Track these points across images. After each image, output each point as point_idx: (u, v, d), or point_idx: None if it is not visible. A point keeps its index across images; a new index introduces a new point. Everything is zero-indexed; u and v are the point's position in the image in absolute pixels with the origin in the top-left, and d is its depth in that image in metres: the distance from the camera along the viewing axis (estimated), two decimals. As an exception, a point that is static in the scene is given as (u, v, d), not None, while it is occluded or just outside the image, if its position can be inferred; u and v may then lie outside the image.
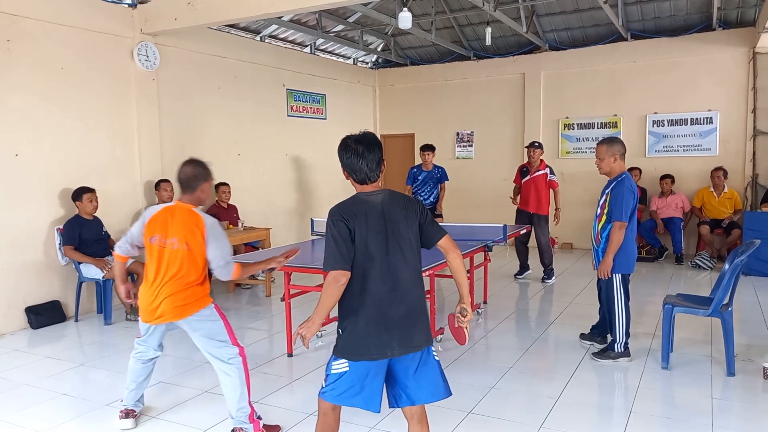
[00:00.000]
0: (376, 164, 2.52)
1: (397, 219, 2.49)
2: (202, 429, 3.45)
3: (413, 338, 2.45)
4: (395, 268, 2.44)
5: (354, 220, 2.44)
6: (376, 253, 2.42)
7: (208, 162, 3.49)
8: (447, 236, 2.58)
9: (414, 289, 2.49)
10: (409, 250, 2.48)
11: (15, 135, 5.54)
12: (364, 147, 2.49)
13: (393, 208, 2.50)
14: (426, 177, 7.76)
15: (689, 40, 8.67)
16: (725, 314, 4.14)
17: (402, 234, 2.47)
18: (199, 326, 3.30)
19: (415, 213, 2.55)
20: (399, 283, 2.44)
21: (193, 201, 3.35)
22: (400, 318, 2.43)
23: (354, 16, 9.22)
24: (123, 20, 6.50)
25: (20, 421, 3.60)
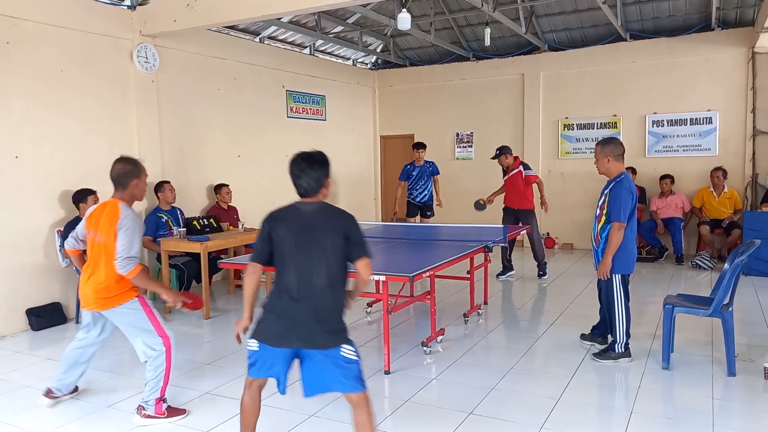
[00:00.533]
0: (316, 182, 2.78)
1: (320, 229, 2.73)
2: (203, 430, 3.45)
3: (315, 338, 2.66)
4: (309, 272, 2.68)
5: (276, 224, 2.78)
6: (291, 256, 2.71)
7: (142, 159, 3.71)
8: (366, 260, 2.77)
9: (324, 293, 2.68)
10: (329, 258, 2.70)
11: (15, 137, 5.55)
12: (307, 164, 2.80)
13: (320, 219, 2.76)
14: (419, 172, 8.41)
15: (688, 40, 8.67)
16: (726, 314, 4.14)
17: (322, 244, 2.71)
18: (122, 318, 3.55)
19: (342, 227, 2.75)
20: (310, 286, 2.67)
21: (126, 197, 3.54)
22: (304, 317, 2.65)
23: (353, 17, 9.22)
24: (122, 22, 6.50)
25: (21, 423, 3.60)
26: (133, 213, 3.48)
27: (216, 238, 6.27)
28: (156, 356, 3.54)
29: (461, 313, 5.76)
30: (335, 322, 2.72)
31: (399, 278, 4.08)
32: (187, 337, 5.42)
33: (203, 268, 5.99)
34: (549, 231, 9.89)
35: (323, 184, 2.81)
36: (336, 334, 2.71)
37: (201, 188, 7.62)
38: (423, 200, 8.47)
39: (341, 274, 2.75)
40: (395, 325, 5.43)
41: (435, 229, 6.82)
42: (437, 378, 4.22)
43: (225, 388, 4.07)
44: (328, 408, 3.72)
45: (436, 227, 7.01)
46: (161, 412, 3.56)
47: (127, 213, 3.44)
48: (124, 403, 3.86)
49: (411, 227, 7.35)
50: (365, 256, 2.76)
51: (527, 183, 7.45)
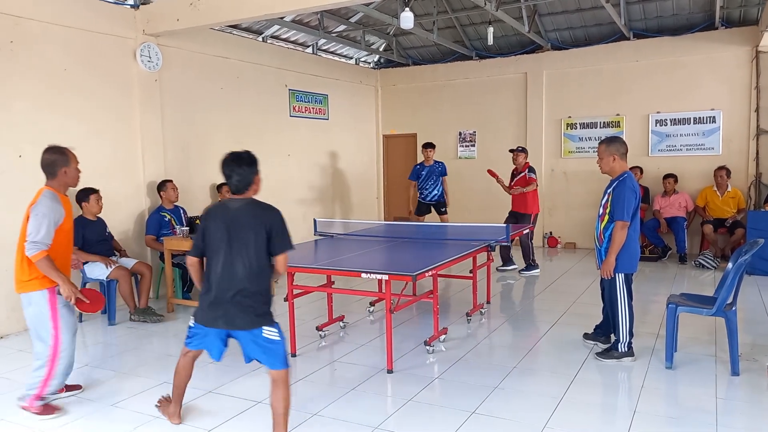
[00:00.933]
0: (245, 180, 3.11)
1: (245, 225, 3.07)
2: (206, 429, 3.45)
3: (237, 320, 3.07)
4: (233, 263, 3.05)
5: (209, 220, 3.17)
6: (219, 248, 3.07)
7: (72, 147, 3.81)
8: (285, 255, 3.13)
9: (245, 281, 3.05)
10: (249, 250, 3.05)
11: (18, 136, 5.56)
12: (236, 164, 3.12)
13: (245, 215, 3.09)
14: (429, 172, 8.60)
15: (692, 39, 8.65)
16: (729, 314, 4.13)
17: (246, 237, 3.05)
18: (27, 305, 3.67)
19: (266, 223, 3.07)
20: (234, 275, 3.04)
21: (56, 185, 3.68)
22: (228, 302, 3.05)
23: (356, 17, 9.22)
24: (125, 21, 6.51)
25: (25, 421, 3.61)
26: (50, 201, 3.56)
27: (219, 237, 6.26)
28: (43, 353, 3.62)
29: (464, 312, 5.75)
30: (258, 307, 3.09)
31: (401, 277, 4.08)
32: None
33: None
34: (552, 230, 9.88)
35: (252, 181, 3.13)
36: (257, 317, 3.08)
37: (204, 187, 7.63)
38: (434, 199, 8.63)
39: (262, 264, 3.08)
40: (398, 324, 5.43)
41: (438, 228, 6.82)
42: (440, 377, 4.21)
43: (227, 387, 4.08)
44: (329, 408, 3.72)
45: (439, 226, 7.00)
46: (37, 410, 3.64)
47: (43, 199, 3.55)
48: (127, 402, 3.87)
49: (414, 227, 7.35)
50: (284, 251, 3.11)
51: (527, 183, 7.69)
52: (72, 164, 3.70)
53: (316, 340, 5.12)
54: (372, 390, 4.00)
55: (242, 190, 3.12)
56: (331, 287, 5.21)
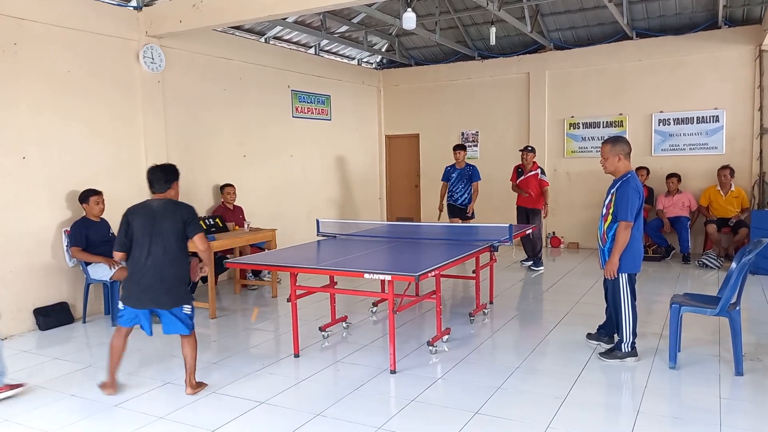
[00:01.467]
0: (162, 184, 3.94)
1: (163, 218, 3.82)
2: (209, 429, 3.46)
3: (161, 300, 3.83)
4: (155, 251, 3.78)
5: (133, 216, 3.88)
6: (142, 240, 3.80)
7: None
8: (199, 234, 3.89)
9: (166, 267, 3.80)
10: (167, 240, 3.80)
11: (22, 138, 5.58)
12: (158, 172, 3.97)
13: (162, 211, 3.85)
14: (459, 175, 8.34)
15: (695, 38, 8.63)
16: (733, 313, 4.12)
17: (165, 229, 3.80)
18: None
19: (181, 216, 3.87)
20: (155, 262, 3.78)
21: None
22: (151, 286, 3.79)
23: (358, 17, 9.23)
24: (128, 23, 6.53)
25: (29, 421, 3.63)
26: None
27: (222, 238, 6.28)
28: None
29: (467, 313, 5.75)
30: (175, 289, 3.84)
31: (404, 278, 4.08)
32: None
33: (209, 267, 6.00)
34: (555, 230, 9.87)
35: (169, 186, 3.95)
36: (176, 298, 3.84)
37: (207, 188, 7.64)
38: (463, 203, 8.34)
39: (179, 252, 3.84)
40: (401, 325, 5.43)
41: (440, 228, 6.81)
42: (443, 377, 4.21)
43: (231, 387, 4.09)
44: (333, 408, 3.72)
45: (442, 227, 7.00)
46: None
47: None
48: (130, 403, 3.88)
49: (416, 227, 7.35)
50: (197, 232, 3.86)
51: (540, 186, 7.92)
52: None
53: (319, 340, 5.12)
54: (375, 390, 4.00)
55: (159, 191, 3.93)
56: (334, 288, 5.22)
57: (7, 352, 5.01)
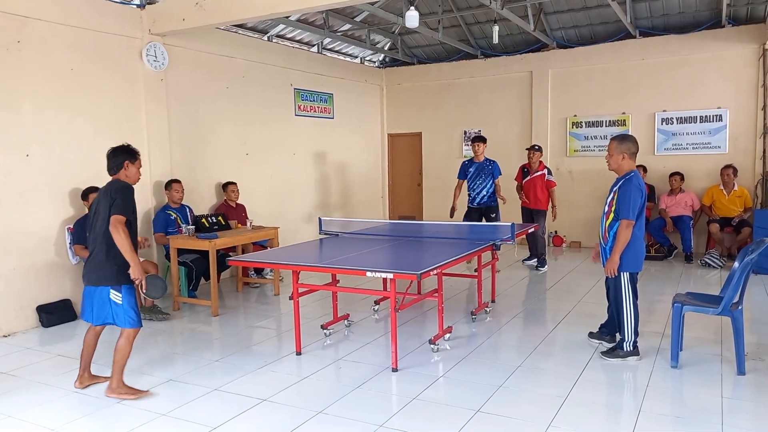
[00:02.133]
0: (112, 166, 3.96)
1: (100, 198, 3.88)
2: (211, 426, 3.47)
3: (89, 277, 3.87)
4: (94, 229, 3.87)
5: None
6: (91, 221, 3.92)
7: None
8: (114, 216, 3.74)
9: (94, 245, 3.85)
10: (99, 220, 3.82)
11: (26, 136, 5.59)
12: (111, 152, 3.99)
13: (103, 191, 3.89)
14: (477, 169, 7.76)
15: (698, 37, 8.61)
16: (735, 313, 4.12)
17: (100, 208, 3.83)
18: None
19: (110, 195, 3.80)
20: (93, 239, 3.89)
21: None
22: (87, 262, 3.92)
23: (361, 16, 9.22)
24: (132, 21, 6.54)
25: (32, 418, 3.64)
26: None
27: (224, 236, 6.29)
28: None
29: (469, 311, 5.75)
30: (100, 267, 3.81)
31: (406, 276, 4.08)
32: (195, 334, 5.45)
33: (212, 265, 6.02)
34: (557, 229, 9.86)
35: (122, 167, 3.94)
36: (101, 277, 3.81)
37: (210, 186, 7.65)
38: (482, 202, 7.73)
39: (104, 230, 3.78)
40: (402, 323, 5.43)
41: (443, 227, 6.81)
42: (445, 376, 4.22)
43: (233, 385, 4.10)
44: (334, 406, 3.73)
45: (444, 225, 6.99)
46: None
47: None
48: (133, 400, 3.88)
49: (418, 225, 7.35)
50: (114, 213, 3.73)
51: (547, 187, 7.79)
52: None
53: (321, 338, 5.13)
54: (377, 388, 4.01)
55: (110, 173, 3.95)
56: (336, 286, 5.22)
57: (11, 349, 5.04)
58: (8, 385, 4.21)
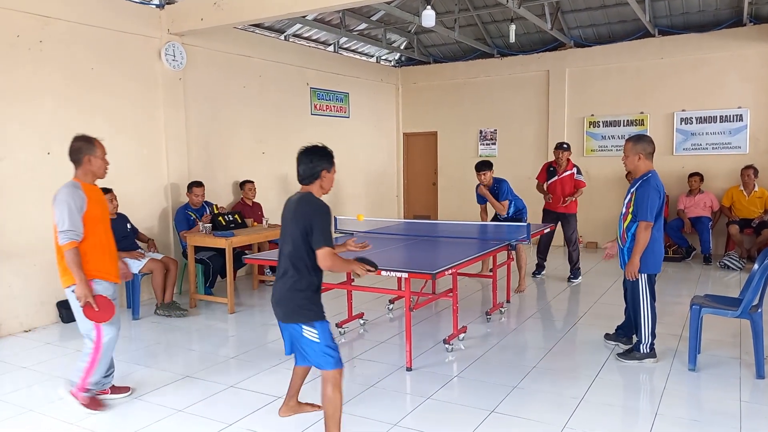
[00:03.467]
0: (304, 172, 3.09)
1: (289, 217, 3.07)
2: (227, 423, 3.50)
3: (279, 312, 3.12)
4: (281, 256, 3.10)
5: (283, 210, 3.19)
6: (280, 241, 3.14)
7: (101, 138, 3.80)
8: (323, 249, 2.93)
9: (284, 276, 3.05)
10: (289, 244, 3.02)
11: (47, 134, 5.68)
12: (301, 155, 3.13)
13: (291, 207, 3.08)
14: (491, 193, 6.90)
15: (719, 35, 8.49)
16: (755, 316, 4.06)
17: (289, 230, 3.03)
18: (70, 298, 3.61)
19: (303, 215, 2.98)
20: (280, 267, 3.10)
21: (81, 175, 3.66)
22: (275, 295, 3.11)
23: (377, 15, 9.23)
24: (151, 21, 6.61)
25: (52, 412, 3.70)
26: (69, 188, 3.52)
27: (241, 234, 6.34)
28: (89, 344, 3.63)
29: (483, 311, 5.74)
30: (290, 301, 3.05)
31: (421, 275, 4.08)
32: (212, 331, 5.50)
33: (228, 263, 6.07)
34: (573, 229, 9.78)
35: (319, 175, 3.09)
36: (292, 312, 3.06)
37: (227, 185, 7.72)
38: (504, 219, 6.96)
39: (298, 258, 3.00)
40: (417, 323, 5.44)
41: (458, 226, 6.80)
42: (459, 375, 4.21)
43: (249, 382, 4.13)
44: (348, 404, 3.74)
45: (459, 225, 6.98)
46: (83, 400, 3.65)
47: (62, 189, 3.54)
48: (150, 395, 3.94)
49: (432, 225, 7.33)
50: (320, 246, 2.93)
51: (576, 187, 7.15)
52: (98, 152, 3.65)
53: (335, 336, 5.13)
54: (391, 387, 4.02)
55: (303, 183, 3.12)
56: (351, 285, 5.24)
57: (31, 344, 5.13)
58: (29, 379, 4.29)
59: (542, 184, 7.42)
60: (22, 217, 5.51)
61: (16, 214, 5.47)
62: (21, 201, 5.50)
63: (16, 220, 5.47)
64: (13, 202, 5.46)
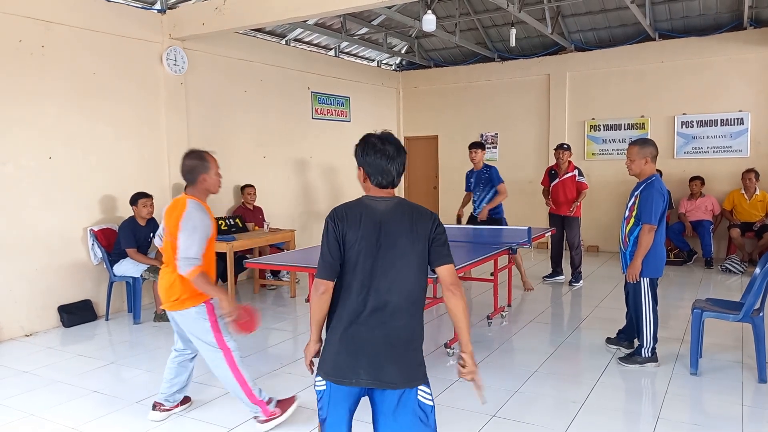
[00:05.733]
0: (402, 168, 2.29)
1: (397, 232, 2.16)
2: (228, 428, 3.50)
3: (386, 372, 2.13)
4: (381, 286, 2.14)
5: (345, 224, 2.18)
6: (362, 265, 2.15)
7: (212, 152, 3.62)
8: (450, 266, 2.22)
9: (401, 315, 2.16)
10: (406, 270, 2.16)
11: (49, 138, 5.70)
12: (394, 149, 2.28)
13: (397, 218, 2.19)
14: (476, 179, 7.00)
15: (719, 39, 8.50)
16: (756, 319, 4.06)
17: (400, 249, 2.16)
18: (185, 322, 3.41)
19: (426, 229, 2.19)
20: (383, 304, 2.14)
21: (197, 193, 3.43)
22: (375, 344, 2.14)
23: (378, 19, 9.26)
24: (152, 26, 6.63)
25: (53, 417, 3.70)
26: (198, 212, 3.27)
27: (242, 238, 6.35)
28: (216, 367, 3.43)
29: (485, 315, 5.74)
30: (414, 354, 2.22)
31: (422, 279, 4.07)
32: (213, 336, 5.49)
33: (229, 267, 6.07)
34: (574, 233, 9.78)
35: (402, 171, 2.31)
36: (414, 371, 2.21)
37: (228, 189, 7.72)
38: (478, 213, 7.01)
39: (421, 289, 2.23)
40: (418, 327, 5.42)
41: (459, 230, 6.79)
42: (460, 380, 4.19)
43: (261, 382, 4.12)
44: (351, 408, 3.74)
45: (460, 228, 6.98)
46: (271, 413, 3.47)
47: (191, 211, 3.25)
48: (151, 400, 3.92)
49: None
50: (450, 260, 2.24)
51: (578, 189, 7.02)
52: (212, 170, 3.44)
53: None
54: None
55: (397, 183, 2.32)
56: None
57: (32, 348, 5.14)
58: (30, 384, 4.29)
59: (547, 189, 7.38)
60: (24, 221, 5.52)
61: (18, 218, 5.48)
62: (23, 205, 5.51)
63: (18, 224, 5.48)
64: (16, 206, 5.47)
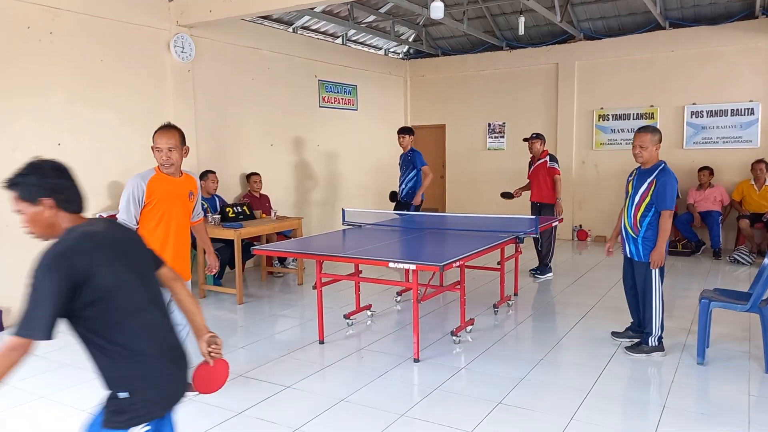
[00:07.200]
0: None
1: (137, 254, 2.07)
2: (236, 411, 3.53)
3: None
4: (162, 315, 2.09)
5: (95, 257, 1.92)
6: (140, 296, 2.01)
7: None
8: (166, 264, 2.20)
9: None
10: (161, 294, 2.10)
11: (57, 125, 5.72)
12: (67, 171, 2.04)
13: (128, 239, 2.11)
14: (402, 160, 7.36)
15: (730, 28, 8.41)
16: (764, 310, 4.04)
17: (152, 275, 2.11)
18: None
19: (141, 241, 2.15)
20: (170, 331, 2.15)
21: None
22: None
23: (386, 7, 9.20)
24: (160, 13, 6.62)
25: (63, 399, 3.75)
26: (132, 179, 3.44)
27: (249, 226, 6.37)
28: None
29: (491, 304, 5.74)
30: None
31: (429, 267, 4.09)
32: (220, 322, 5.54)
33: (237, 254, 6.10)
34: (582, 223, 9.76)
35: None
36: None
37: (235, 177, 7.74)
38: (403, 196, 7.34)
39: None
40: (425, 314, 5.45)
41: (466, 219, 6.79)
42: (466, 367, 4.23)
43: (258, 372, 4.16)
44: (356, 394, 3.76)
45: (467, 217, 6.97)
46: None
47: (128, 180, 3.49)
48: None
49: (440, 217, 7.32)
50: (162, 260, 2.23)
51: (548, 175, 6.95)
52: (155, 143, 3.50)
53: (343, 327, 5.17)
54: (398, 378, 4.04)
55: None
56: (359, 276, 5.26)
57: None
58: (40, 367, 4.33)
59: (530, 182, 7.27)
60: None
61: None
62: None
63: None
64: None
